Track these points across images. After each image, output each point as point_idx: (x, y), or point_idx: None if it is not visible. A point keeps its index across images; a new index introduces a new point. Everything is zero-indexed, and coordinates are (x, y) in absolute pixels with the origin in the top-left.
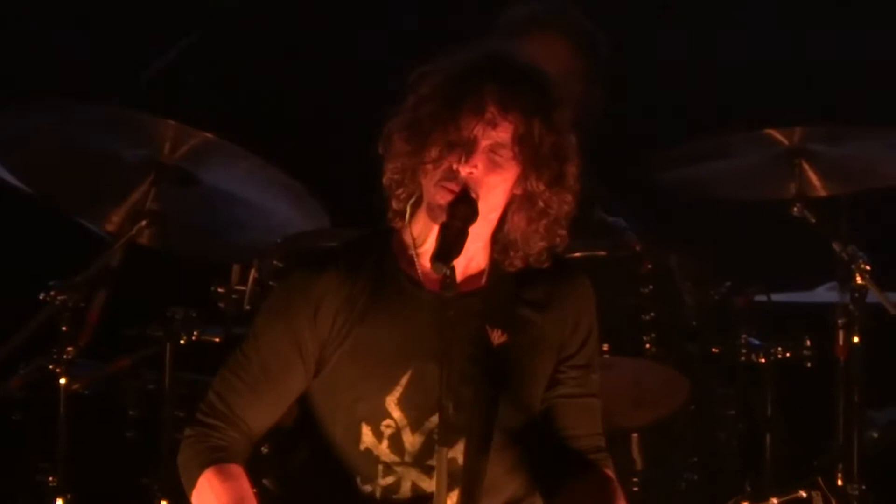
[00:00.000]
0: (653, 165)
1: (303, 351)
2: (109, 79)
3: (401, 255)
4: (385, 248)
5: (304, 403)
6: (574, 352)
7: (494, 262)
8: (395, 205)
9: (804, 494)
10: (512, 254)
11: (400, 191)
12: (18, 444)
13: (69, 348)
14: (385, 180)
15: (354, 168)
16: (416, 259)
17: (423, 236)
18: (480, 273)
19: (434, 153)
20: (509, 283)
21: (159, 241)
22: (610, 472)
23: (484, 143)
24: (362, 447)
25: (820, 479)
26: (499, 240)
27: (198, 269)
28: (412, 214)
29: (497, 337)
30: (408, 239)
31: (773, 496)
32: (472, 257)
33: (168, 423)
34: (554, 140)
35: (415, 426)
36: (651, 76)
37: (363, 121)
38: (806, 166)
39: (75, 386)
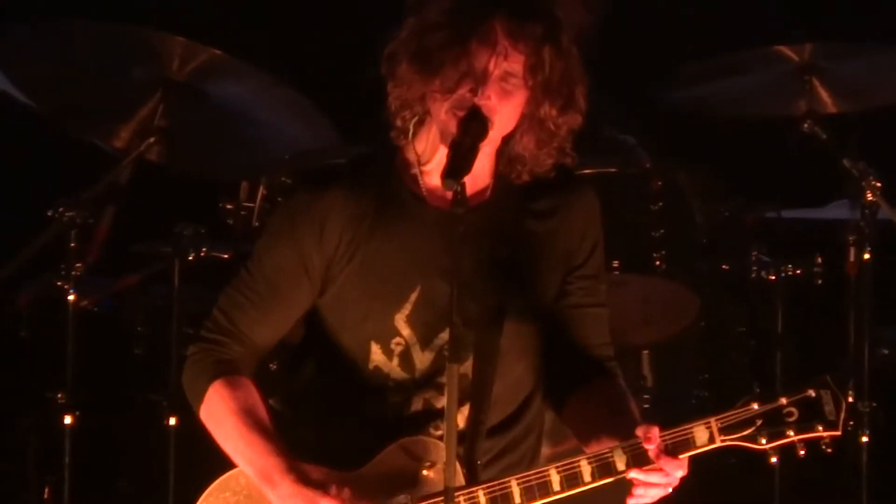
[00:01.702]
0: (663, 84)
1: (308, 268)
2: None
3: (405, 172)
4: (389, 165)
5: (310, 322)
6: (582, 262)
7: (500, 176)
8: (399, 123)
9: (813, 394)
10: (518, 168)
11: (406, 112)
12: (27, 361)
13: (77, 265)
14: (390, 101)
15: (360, 85)
16: (420, 177)
17: (428, 154)
18: (485, 188)
19: (445, 83)
20: (515, 195)
21: (168, 158)
22: (618, 377)
23: (496, 74)
24: (371, 366)
25: (829, 377)
26: (504, 154)
27: (206, 186)
28: (415, 133)
29: (503, 250)
30: (412, 157)
31: (783, 396)
32: (478, 173)
33: (176, 339)
34: (563, 65)
35: (424, 343)
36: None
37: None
38: (816, 83)
39: (83, 303)
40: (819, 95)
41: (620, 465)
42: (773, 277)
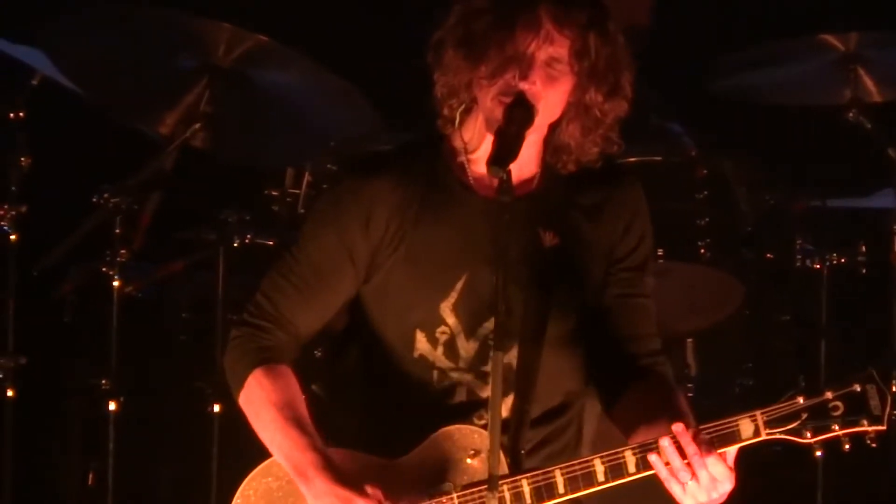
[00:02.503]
0: (709, 72)
1: (353, 255)
2: None
3: (451, 160)
4: (436, 153)
5: (354, 309)
6: (625, 255)
7: (546, 166)
8: (446, 112)
9: (858, 388)
10: (564, 157)
11: (453, 100)
12: (71, 347)
13: (122, 251)
14: (437, 90)
15: (404, 72)
16: (467, 165)
17: (475, 142)
18: (532, 177)
19: (491, 69)
20: (561, 186)
21: (213, 145)
22: (667, 374)
23: (541, 59)
24: (416, 354)
25: (874, 371)
26: (551, 143)
27: (252, 173)
28: (462, 121)
29: (549, 239)
30: (458, 145)
31: (828, 390)
32: (525, 162)
33: (221, 326)
34: (610, 51)
35: (469, 332)
36: None
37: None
38: (861, 72)
39: (128, 289)
40: (864, 84)
41: (630, 465)
42: (818, 266)
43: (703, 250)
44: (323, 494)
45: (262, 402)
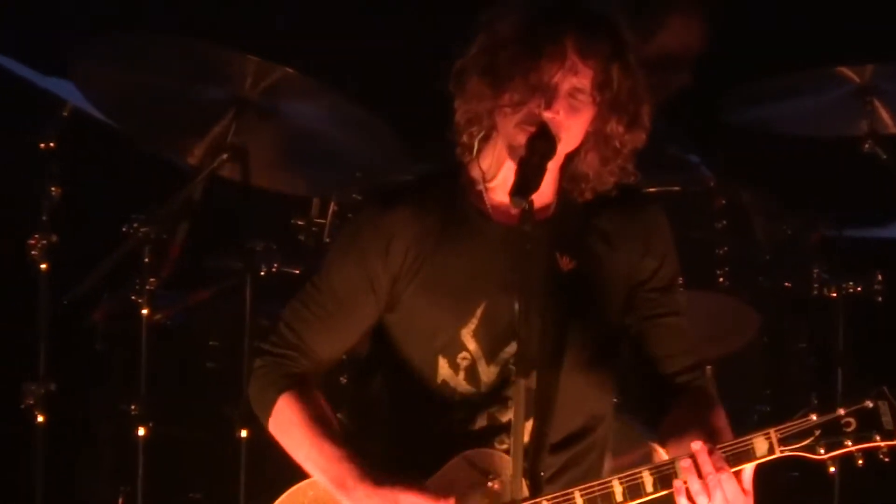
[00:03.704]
0: (727, 103)
1: (374, 284)
2: (193, 14)
3: (470, 189)
4: (454, 182)
5: (378, 337)
6: (648, 277)
7: (563, 192)
8: (465, 139)
9: (870, 405)
10: (582, 185)
11: (473, 128)
12: (101, 373)
13: (151, 279)
14: (458, 116)
15: (428, 104)
16: (485, 193)
17: (493, 171)
18: (549, 204)
19: (515, 97)
20: (578, 212)
21: (240, 175)
22: (704, 388)
23: (565, 89)
24: (439, 380)
25: (885, 388)
26: (567, 170)
27: (278, 203)
28: (480, 150)
29: (566, 264)
30: (476, 174)
31: (841, 407)
32: (542, 189)
33: (248, 353)
34: (631, 84)
35: (490, 357)
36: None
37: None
38: (877, 104)
39: (157, 316)
40: (880, 116)
41: (648, 485)
42: (835, 295)
43: (721, 279)
44: (366, 499)
45: (292, 422)
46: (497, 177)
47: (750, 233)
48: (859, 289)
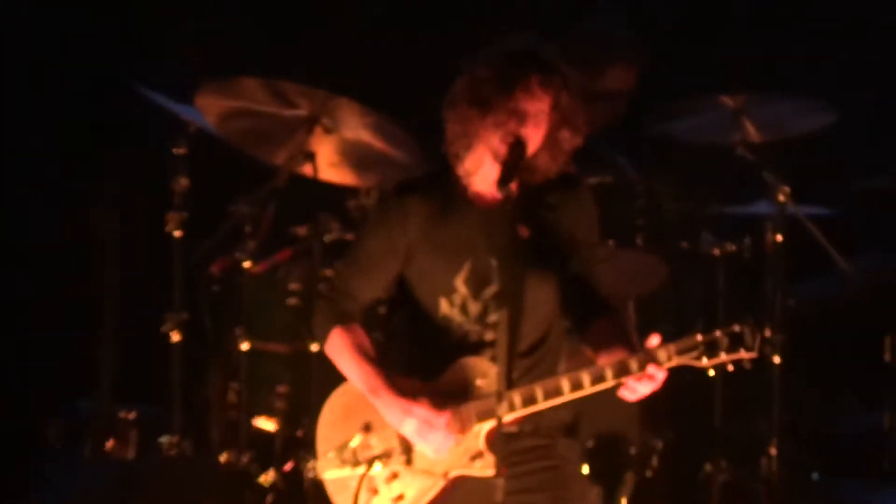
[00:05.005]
0: (645, 120)
1: (396, 248)
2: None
3: (458, 183)
4: (448, 178)
5: (400, 284)
6: (581, 237)
7: (522, 180)
8: (453, 149)
9: (738, 329)
10: (536, 175)
11: (461, 141)
12: (217, 308)
13: (251, 243)
14: (449, 133)
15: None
16: (468, 186)
17: (474, 170)
18: (513, 188)
19: (497, 119)
20: (531, 193)
21: (313, 171)
22: (617, 308)
23: (532, 112)
24: (441, 313)
25: (749, 318)
26: (526, 164)
27: (337, 190)
28: (462, 157)
29: (525, 232)
30: (461, 172)
31: (718, 330)
32: None
33: (316, 294)
34: (574, 105)
35: (475, 296)
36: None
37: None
38: (746, 121)
39: (255, 269)
40: (748, 129)
41: (609, 376)
42: (717, 252)
43: (639, 241)
44: (390, 404)
45: (342, 347)
46: (476, 174)
47: (659, 209)
48: (734, 248)
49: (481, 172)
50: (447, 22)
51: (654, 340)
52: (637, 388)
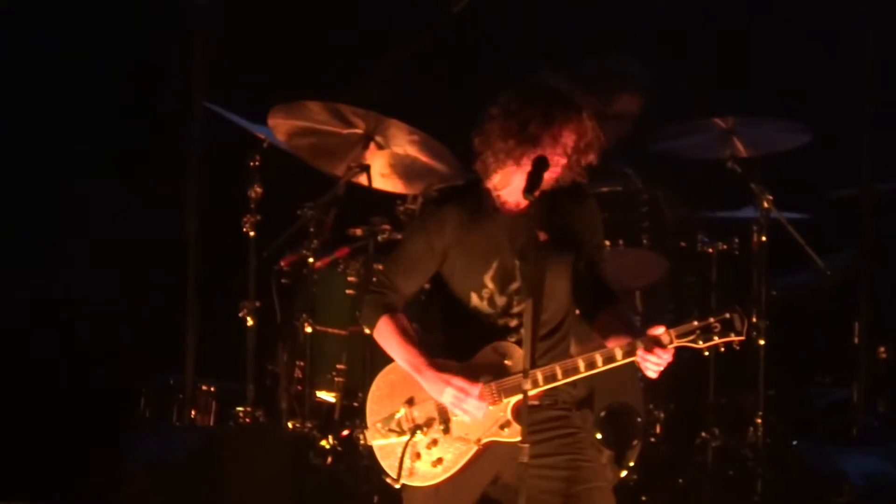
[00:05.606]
0: (650, 138)
1: (434, 249)
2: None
3: (487, 194)
4: (479, 189)
5: (437, 280)
6: (588, 239)
7: (542, 190)
8: (484, 164)
9: (729, 316)
10: (553, 185)
11: (492, 158)
12: (286, 297)
13: (315, 241)
14: (483, 157)
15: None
16: (497, 197)
17: (501, 185)
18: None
19: (527, 148)
20: (548, 200)
21: (367, 181)
22: (622, 301)
23: (562, 141)
24: (472, 305)
25: (738, 306)
26: (548, 176)
27: (388, 197)
28: (492, 173)
29: (542, 236)
30: (490, 185)
31: (711, 317)
32: None
33: (366, 288)
34: (593, 131)
35: (501, 291)
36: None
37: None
38: (735, 139)
39: (318, 264)
40: (737, 146)
41: (619, 357)
42: (711, 251)
43: (644, 241)
44: (431, 380)
45: (388, 332)
46: (505, 188)
47: (661, 214)
48: (725, 247)
49: (512, 186)
50: (476, 59)
51: (659, 330)
52: (653, 367)
